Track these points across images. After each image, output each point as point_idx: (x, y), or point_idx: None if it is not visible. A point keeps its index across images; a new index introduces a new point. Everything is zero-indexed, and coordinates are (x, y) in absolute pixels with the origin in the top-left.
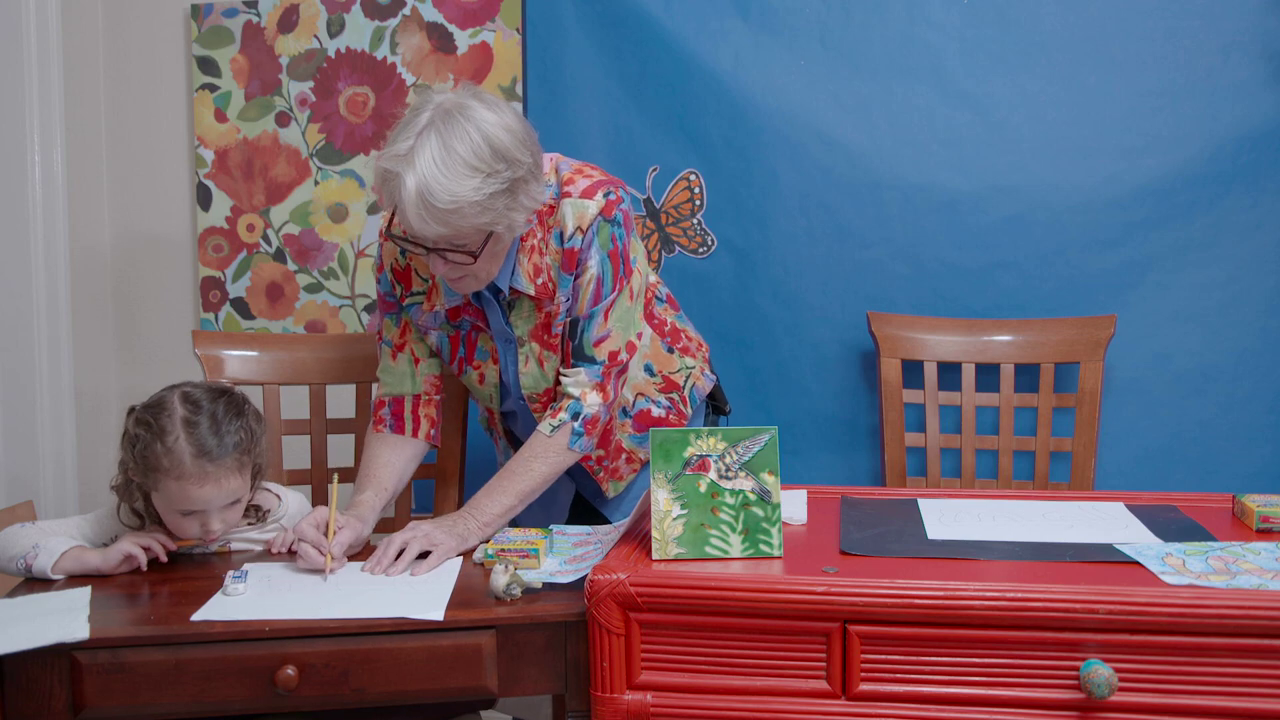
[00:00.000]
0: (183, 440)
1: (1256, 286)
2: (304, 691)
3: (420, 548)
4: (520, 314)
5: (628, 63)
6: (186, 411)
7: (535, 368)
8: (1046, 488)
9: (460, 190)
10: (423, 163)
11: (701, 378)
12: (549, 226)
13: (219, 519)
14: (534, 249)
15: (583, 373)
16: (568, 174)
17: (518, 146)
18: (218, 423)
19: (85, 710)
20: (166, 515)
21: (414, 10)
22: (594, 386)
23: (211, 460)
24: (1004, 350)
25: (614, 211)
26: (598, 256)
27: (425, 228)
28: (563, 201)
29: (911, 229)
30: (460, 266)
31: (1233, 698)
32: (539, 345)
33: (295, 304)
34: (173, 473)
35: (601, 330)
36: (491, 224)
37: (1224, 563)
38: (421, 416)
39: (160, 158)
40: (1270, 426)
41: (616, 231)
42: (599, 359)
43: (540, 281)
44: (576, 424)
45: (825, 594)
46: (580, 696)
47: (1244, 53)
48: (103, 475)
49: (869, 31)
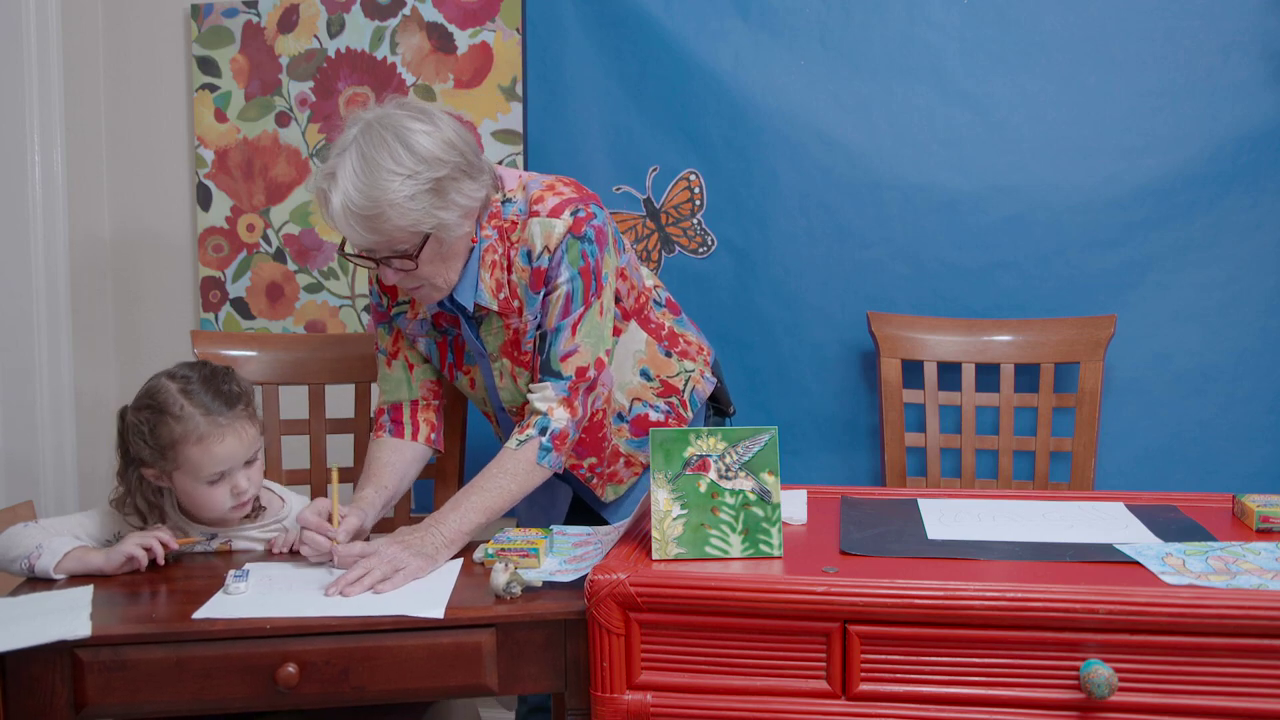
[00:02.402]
0: (189, 407)
1: (1256, 286)
2: (304, 689)
3: (382, 574)
4: (490, 329)
5: (628, 63)
6: (179, 385)
7: (510, 383)
8: (1046, 488)
9: (378, 195)
10: (344, 176)
11: (702, 380)
12: (513, 243)
13: (245, 477)
14: (495, 264)
15: (549, 388)
16: (536, 192)
17: (442, 148)
18: (211, 383)
19: (87, 708)
20: (194, 494)
21: (414, 10)
22: (561, 402)
23: (223, 414)
24: (1004, 350)
25: (584, 228)
26: (568, 273)
27: (356, 236)
28: (530, 220)
29: (911, 229)
30: (409, 275)
31: (1233, 698)
32: (510, 361)
33: (295, 304)
34: (191, 437)
35: (569, 345)
36: (418, 224)
37: (1224, 563)
38: (421, 421)
39: (160, 158)
40: (1270, 426)
41: (588, 248)
42: (565, 374)
43: (503, 297)
44: (544, 439)
45: (825, 594)
46: (580, 695)
47: (1244, 53)
48: (103, 475)
49: (869, 31)
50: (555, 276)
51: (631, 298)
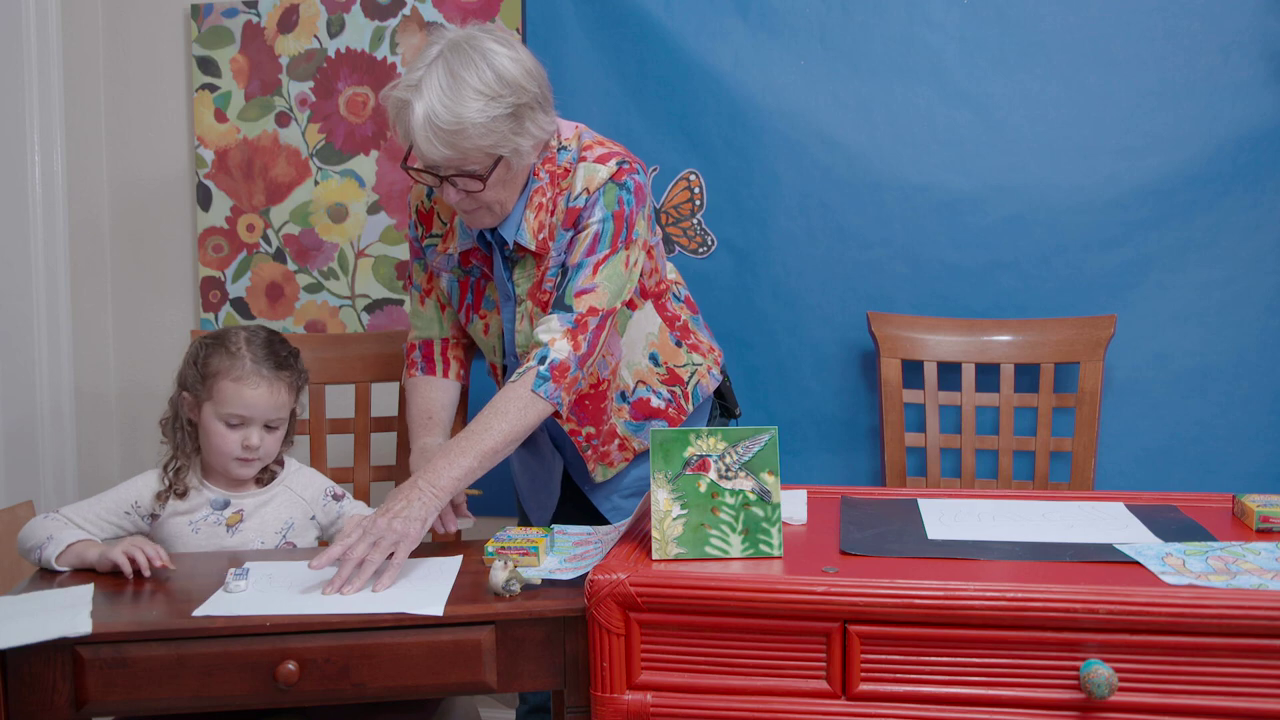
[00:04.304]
0: (245, 349)
1: (1256, 286)
2: (304, 686)
3: (382, 556)
4: (524, 271)
5: (628, 63)
6: (246, 333)
7: (528, 326)
8: (1046, 488)
9: (464, 112)
10: (430, 89)
11: (708, 376)
12: (561, 189)
13: (259, 435)
14: (541, 206)
15: (555, 319)
16: (588, 141)
17: (524, 76)
18: (270, 344)
19: (88, 705)
20: (211, 431)
21: (414, 10)
22: (564, 333)
23: (269, 367)
24: (1004, 350)
25: (625, 178)
26: (601, 214)
27: (432, 150)
28: (578, 165)
29: (911, 229)
30: (470, 197)
31: (1233, 698)
32: (532, 303)
33: (295, 304)
34: (231, 373)
35: (587, 282)
36: (497, 147)
37: (1224, 563)
38: (451, 359)
39: (160, 158)
40: (1270, 426)
41: (624, 195)
42: (576, 309)
43: (542, 238)
44: (542, 368)
45: (825, 594)
46: (579, 693)
47: (1244, 53)
48: (103, 475)
49: (869, 31)
50: (588, 216)
51: (653, 280)
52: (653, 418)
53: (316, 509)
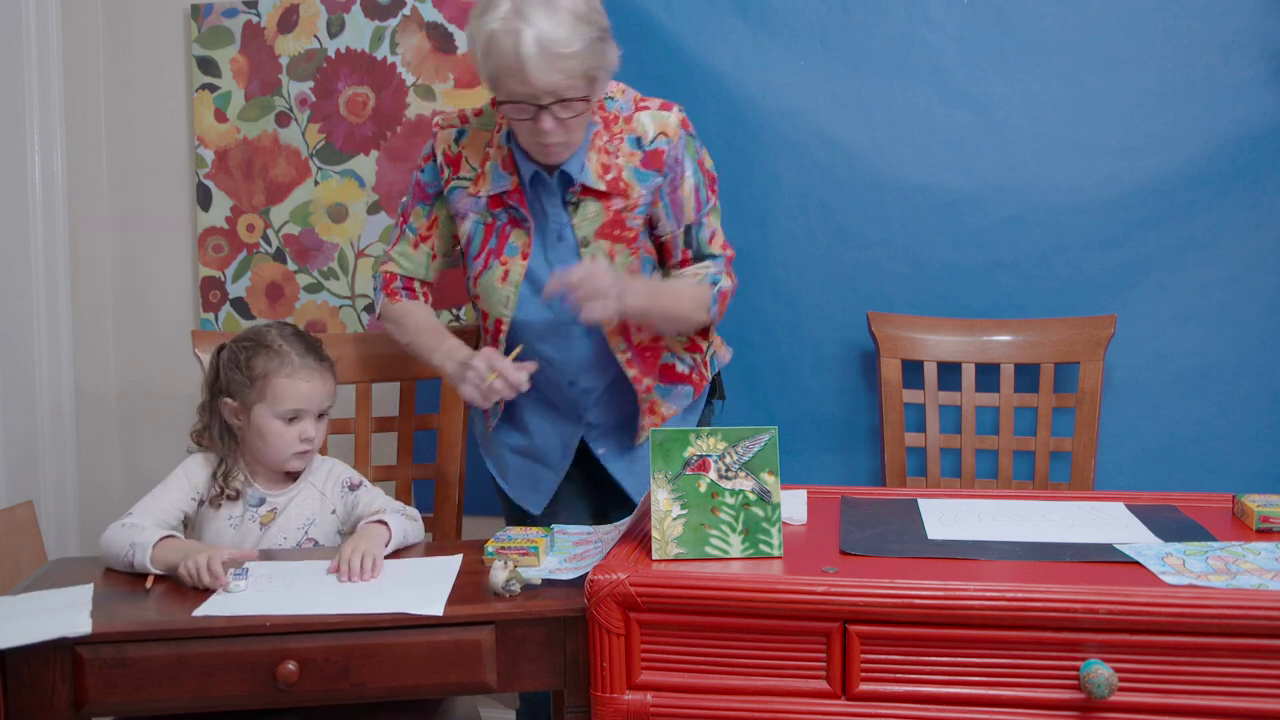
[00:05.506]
0: (285, 345)
1: (1256, 286)
2: (304, 687)
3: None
4: (585, 215)
5: (627, 62)
6: (278, 330)
7: (605, 263)
8: (1046, 488)
9: (573, 35)
10: (536, 16)
11: (723, 348)
12: (617, 134)
13: (313, 425)
14: (602, 149)
15: (710, 265)
16: (636, 95)
17: (597, 9)
18: (303, 337)
19: (87, 705)
20: (267, 430)
21: (414, 10)
22: (723, 273)
23: (314, 359)
24: (1004, 350)
25: (690, 127)
26: (691, 166)
27: (544, 76)
28: (638, 114)
29: (911, 229)
30: (562, 125)
31: (1233, 698)
32: (609, 242)
33: (295, 304)
34: (284, 370)
35: (711, 229)
36: (596, 69)
37: (1224, 563)
38: (429, 298)
39: (160, 158)
40: (1270, 426)
41: (699, 144)
42: (720, 253)
43: (610, 178)
44: (714, 291)
45: (825, 594)
46: (579, 692)
47: (1244, 53)
48: (103, 475)
49: (869, 31)
50: (681, 168)
51: None
52: (678, 383)
53: (335, 502)
